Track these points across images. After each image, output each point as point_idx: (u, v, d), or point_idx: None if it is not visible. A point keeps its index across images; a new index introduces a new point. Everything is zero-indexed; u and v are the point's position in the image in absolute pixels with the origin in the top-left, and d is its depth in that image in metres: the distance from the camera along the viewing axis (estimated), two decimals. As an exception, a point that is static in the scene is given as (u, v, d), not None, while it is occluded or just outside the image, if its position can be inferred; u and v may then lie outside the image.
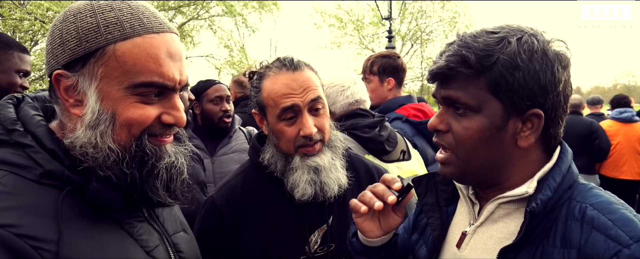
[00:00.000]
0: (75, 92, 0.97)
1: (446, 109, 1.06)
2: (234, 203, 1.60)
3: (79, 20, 0.95)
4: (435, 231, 1.19)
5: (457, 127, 1.03)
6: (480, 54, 0.96)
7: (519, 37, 0.96)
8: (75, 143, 0.98)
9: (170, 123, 1.02)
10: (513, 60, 0.95)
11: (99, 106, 0.96)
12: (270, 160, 1.58)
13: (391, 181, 1.20)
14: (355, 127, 2.21)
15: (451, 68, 0.99)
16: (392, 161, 2.25)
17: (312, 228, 1.60)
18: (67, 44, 0.95)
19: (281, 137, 1.53)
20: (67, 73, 0.96)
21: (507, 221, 1.06)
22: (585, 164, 6.00)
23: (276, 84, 1.51)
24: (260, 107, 1.57)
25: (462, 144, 1.03)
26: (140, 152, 1.00)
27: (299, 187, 1.52)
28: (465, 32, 1.03)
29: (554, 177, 1.00)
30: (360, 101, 2.33)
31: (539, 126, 1.00)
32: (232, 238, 1.58)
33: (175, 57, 1.00)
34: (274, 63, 1.57)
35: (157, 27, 0.99)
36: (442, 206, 1.23)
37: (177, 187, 1.09)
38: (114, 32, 0.94)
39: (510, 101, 0.97)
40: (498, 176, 1.06)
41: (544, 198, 0.96)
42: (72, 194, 0.96)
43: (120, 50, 0.94)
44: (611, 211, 0.93)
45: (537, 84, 0.95)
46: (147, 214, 1.14)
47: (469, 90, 0.99)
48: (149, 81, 0.96)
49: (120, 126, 0.97)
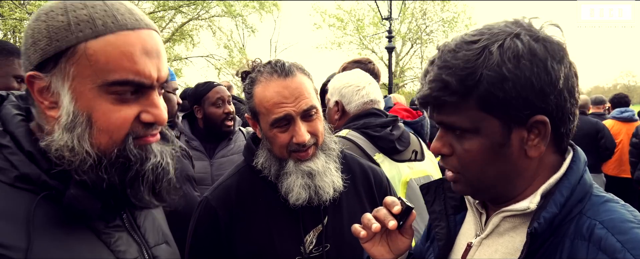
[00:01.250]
0: (49, 93, 0.94)
1: (445, 131, 1.00)
2: (229, 203, 1.59)
3: (50, 19, 0.92)
4: (441, 241, 1.15)
5: (459, 150, 0.97)
6: (461, 75, 0.88)
7: (500, 43, 0.87)
8: (51, 146, 0.93)
9: (150, 121, 0.98)
10: (498, 73, 0.86)
11: (74, 107, 0.93)
12: (263, 164, 1.57)
13: (391, 205, 1.17)
14: (367, 126, 2.23)
15: (435, 97, 0.93)
16: (403, 161, 2.26)
17: (307, 228, 1.59)
18: (38, 43, 0.92)
19: (274, 142, 1.52)
20: (40, 74, 0.93)
21: (513, 236, 0.99)
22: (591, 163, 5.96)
23: (268, 92, 1.48)
24: (253, 112, 1.56)
25: (467, 167, 0.98)
26: (122, 159, 0.96)
27: (293, 191, 1.51)
28: (446, 44, 0.95)
29: (562, 191, 0.91)
30: (375, 101, 2.37)
31: (546, 132, 0.91)
32: (227, 238, 1.58)
33: (152, 54, 0.96)
34: (266, 67, 1.53)
35: (131, 23, 0.95)
36: (450, 214, 1.18)
37: (162, 188, 1.04)
38: (85, 30, 0.91)
39: (506, 115, 0.90)
40: (512, 190, 0.99)
41: (547, 215, 0.88)
42: (48, 199, 0.92)
43: (91, 49, 0.91)
44: (622, 231, 0.83)
45: (532, 90, 0.87)
46: (128, 223, 1.09)
47: (461, 113, 0.93)
48: (123, 79, 0.92)
49: (99, 131, 0.94)
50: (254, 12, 20.78)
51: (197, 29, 20.63)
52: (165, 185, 1.05)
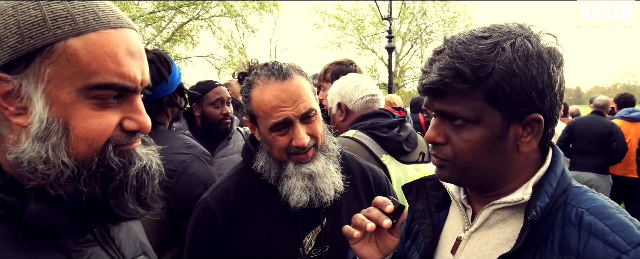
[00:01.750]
0: (17, 98, 0.82)
1: (442, 120, 1.03)
2: (228, 205, 1.58)
3: (21, 13, 0.80)
4: (427, 238, 1.17)
5: (456, 140, 1.00)
6: (474, 66, 0.92)
7: (512, 41, 0.93)
8: (22, 158, 0.82)
9: (133, 129, 0.90)
10: (509, 69, 0.92)
11: (48, 114, 0.82)
12: (263, 167, 1.57)
13: (383, 204, 1.17)
14: (374, 126, 2.24)
15: (446, 84, 0.95)
16: (410, 162, 2.25)
17: (306, 229, 1.58)
18: (5, 40, 0.79)
19: (273, 146, 1.51)
20: (7, 76, 0.80)
21: (502, 227, 1.04)
22: (600, 163, 6.00)
23: (265, 95, 1.46)
24: (251, 116, 1.55)
25: (462, 155, 1.00)
26: (103, 168, 0.86)
27: (294, 194, 1.50)
28: (453, 37, 0.98)
29: (550, 182, 0.98)
30: (375, 96, 2.39)
31: (539, 130, 0.98)
32: (225, 240, 1.57)
33: (135, 56, 0.88)
34: (263, 70, 1.51)
35: (114, 21, 0.86)
36: (433, 212, 1.21)
37: (147, 195, 0.95)
38: (64, 27, 0.81)
39: (508, 109, 0.95)
40: (500, 181, 1.04)
41: (542, 204, 0.95)
42: (6, 219, 0.81)
43: (72, 48, 0.81)
44: (607, 216, 0.92)
45: (535, 89, 0.93)
46: (100, 236, 0.98)
47: (466, 103, 0.96)
48: (107, 82, 0.83)
49: (77, 139, 0.83)
50: (254, 12, 20.79)
51: (197, 29, 20.64)
52: (151, 191, 0.96)
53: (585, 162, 6.05)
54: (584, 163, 6.05)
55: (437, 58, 0.98)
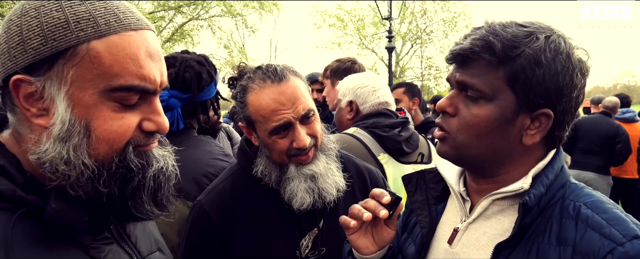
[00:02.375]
0: (40, 100, 0.83)
1: (458, 92, 1.05)
2: (223, 207, 1.56)
3: (43, 15, 0.81)
4: (424, 229, 1.19)
5: (465, 113, 1.02)
6: (506, 44, 0.95)
7: (547, 35, 0.97)
8: (43, 158, 0.83)
9: (152, 130, 0.91)
10: (537, 56, 0.95)
11: (70, 115, 0.83)
12: (264, 172, 1.54)
13: (380, 195, 1.17)
14: (376, 125, 2.23)
15: (475, 52, 0.98)
16: (409, 163, 2.25)
17: (303, 232, 1.56)
18: (28, 42, 0.80)
19: (273, 149, 1.50)
20: (30, 78, 0.81)
21: (500, 218, 1.06)
22: (601, 164, 5.99)
23: (263, 99, 1.44)
24: (248, 121, 1.52)
25: (465, 130, 1.02)
26: (122, 169, 0.88)
27: (298, 196, 1.48)
28: (494, 20, 1.02)
29: (547, 174, 1.01)
30: (389, 103, 2.38)
31: (546, 126, 1.00)
32: (221, 243, 1.54)
33: (155, 57, 0.89)
34: (257, 74, 1.48)
35: (134, 23, 0.87)
36: (432, 204, 1.22)
37: (164, 196, 0.96)
38: (86, 29, 0.81)
39: (525, 95, 0.97)
40: (496, 168, 1.05)
41: (537, 192, 0.98)
42: (27, 217, 0.81)
43: (95, 50, 0.82)
44: (604, 210, 0.95)
45: (555, 84, 0.96)
46: (117, 233, 1.00)
47: (487, 77, 0.98)
48: (129, 84, 0.84)
49: (98, 140, 0.85)
50: (254, 12, 20.80)
51: (197, 28, 20.65)
52: (167, 193, 0.97)
53: (587, 161, 6.03)
54: (586, 163, 6.04)
55: (473, 32, 1.01)
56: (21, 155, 0.87)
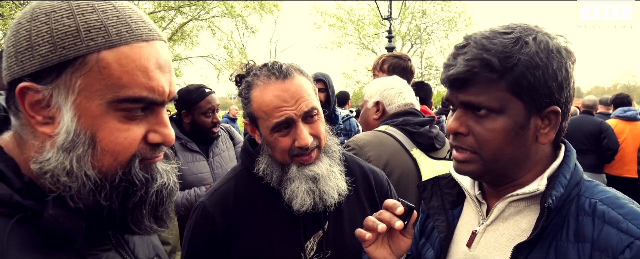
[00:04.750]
0: (46, 108, 0.82)
1: (464, 111, 1.05)
2: (227, 209, 1.53)
3: (54, 22, 0.79)
4: (442, 233, 1.20)
5: (479, 130, 1.03)
6: (501, 56, 0.97)
7: (533, 36, 0.98)
8: (45, 168, 0.81)
9: (158, 142, 0.89)
10: (533, 60, 0.96)
11: (76, 125, 0.81)
12: (265, 171, 1.52)
13: (393, 207, 1.18)
14: (407, 123, 2.32)
15: (474, 73, 0.98)
16: (439, 159, 2.32)
17: (308, 234, 1.54)
18: (37, 48, 0.79)
19: (275, 147, 1.47)
20: (37, 86, 0.80)
21: (517, 219, 1.07)
22: (593, 162, 6.02)
23: (266, 96, 1.43)
24: (251, 118, 1.50)
25: (486, 145, 1.03)
26: (125, 183, 0.86)
27: (298, 198, 1.46)
28: (475, 33, 1.03)
29: (564, 174, 1.03)
30: (413, 104, 2.49)
31: (557, 122, 1.03)
32: (225, 246, 1.51)
33: (164, 69, 0.87)
34: (262, 71, 1.47)
35: (146, 34, 0.85)
36: (448, 208, 1.24)
37: (164, 212, 0.95)
38: (97, 39, 0.80)
39: (531, 100, 0.99)
40: (517, 172, 1.07)
41: (558, 194, 0.99)
42: (24, 222, 0.79)
43: (104, 60, 0.80)
44: (620, 205, 0.96)
45: (555, 81, 0.98)
46: (115, 240, 0.98)
47: (491, 93, 0.99)
48: (137, 96, 0.83)
49: (103, 152, 0.83)
50: (254, 13, 20.78)
51: (197, 29, 20.64)
52: (167, 208, 0.96)
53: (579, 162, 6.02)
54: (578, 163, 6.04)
55: (462, 52, 1.01)
56: (21, 159, 0.85)
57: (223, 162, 3.31)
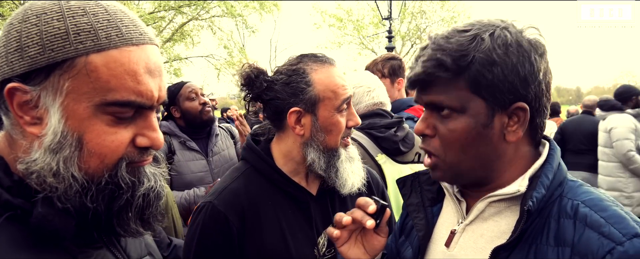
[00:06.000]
0: (34, 108, 0.82)
1: (430, 112, 1.05)
2: (240, 208, 1.49)
3: (44, 24, 0.80)
4: (420, 232, 1.18)
5: (443, 131, 1.02)
6: (455, 55, 0.95)
7: (491, 32, 0.96)
8: (31, 168, 0.82)
9: (146, 146, 0.89)
10: (489, 57, 0.94)
11: (63, 126, 0.82)
12: (314, 159, 1.51)
13: (365, 205, 1.16)
14: (372, 126, 2.25)
15: (429, 74, 0.98)
16: (405, 162, 2.26)
17: (319, 230, 1.55)
18: (26, 50, 0.79)
19: (334, 130, 1.50)
20: (25, 87, 0.80)
21: (497, 220, 1.05)
22: (592, 162, 5.99)
23: (331, 76, 1.50)
24: (311, 103, 1.48)
25: (449, 147, 1.02)
26: (111, 185, 0.86)
27: (350, 179, 1.53)
28: (437, 33, 1.01)
29: (546, 174, 0.99)
30: (383, 104, 2.40)
31: (525, 119, 0.99)
32: (240, 246, 1.47)
33: (154, 73, 0.88)
34: (309, 58, 1.52)
35: (136, 38, 0.86)
36: (427, 206, 1.22)
37: (151, 214, 0.95)
38: (86, 42, 0.80)
39: (492, 97, 0.97)
40: (490, 173, 1.04)
41: (539, 195, 0.95)
42: (14, 220, 0.80)
43: (92, 64, 0.80)
44: (603, 208, 0.93)
45: (517, 76, 0.95)
46: (106, 238, 0.98)
47: (450, 92, 0.98)
48: (125, 99, 0.83)
49: (90, 154, 0.84)
50: (254, 12, 20.76)
51: (197, 29, 20.63)
52: (155, 211, 0.96)
53: (578, 161, 6.09)
54: (577, 163, 6.09)
55: (422, 54, 1.01)
56: (11, 158, 0.86)
57: (223, 161, 3.30)
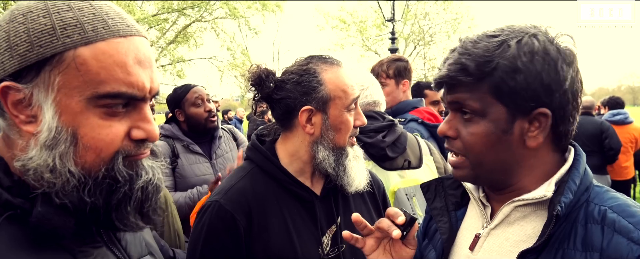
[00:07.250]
0: (28, 107, 0.83)
1: (454, 114, 1.07)
2: (247, 207, 1.48)
3: (30, 21, 0.81)
4: (444, 235, 1.19)
5: (464, 133, 1.04)
6: (479, 61, 0.97)
7: (518, 39, 0.96)
8: (28, 165, 0.82)
9: (141, 138, 0.89)
10: (513, 64, 0.95)
11: (57, 122, 0.82)
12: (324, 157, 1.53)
13: (394, 215, 1.18)
14: (361, 130, 2.17)
15: (451, 77, 1.01)
16: (393, 169, 2.18)
17: (323, 229, 1.56)
18: (15, 48, 0.80)
19: (343, 129, 1.53)
20: (17, 85, 0.81)
21: (523, 224, 1.05)
22: (597, 164, 5.96)
23: (341, 76, 1.53)
24: (322, 102, 1.50)
25: (470, 149, 1.04)
26: (109, 179, 0.86)
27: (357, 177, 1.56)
28: (468, 36, 1.04)
29: (573, 179, 0.99)
30: (378, 103, 2.33)
31: (546, 125, 0.99)
32: (246, 245, 1.47)
33: (144, 64, 0.88)
34: (318, 59, 1.56)
35: (123, 29, 0.86)
36: (451, 210, 1.23)
37: (150, 208, 0.95)
38: (73, 36, 0.81)
39: (513, 103, 0.98)
40: (509, 177, 1.06)
41: (567, 200, 0.96)
42: (14, 220, 0.81)
43: (81, 57, 0.81)
44: (631, 214, 0.93)
45: (540, 84, 0.95)
46: (106, 237, 0.98)
47: (473, 95, 1.00)
48: (116, 91, 0.83)
49: (85, 148, 0.84)
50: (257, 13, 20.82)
51: (200, 30, 20.70)
52: (154, 205, 0.96)
53: None
54: None
55: (449, 56, 1.04)
56: (10, 158, 0.87)
57: (226, 164, 3.27)
